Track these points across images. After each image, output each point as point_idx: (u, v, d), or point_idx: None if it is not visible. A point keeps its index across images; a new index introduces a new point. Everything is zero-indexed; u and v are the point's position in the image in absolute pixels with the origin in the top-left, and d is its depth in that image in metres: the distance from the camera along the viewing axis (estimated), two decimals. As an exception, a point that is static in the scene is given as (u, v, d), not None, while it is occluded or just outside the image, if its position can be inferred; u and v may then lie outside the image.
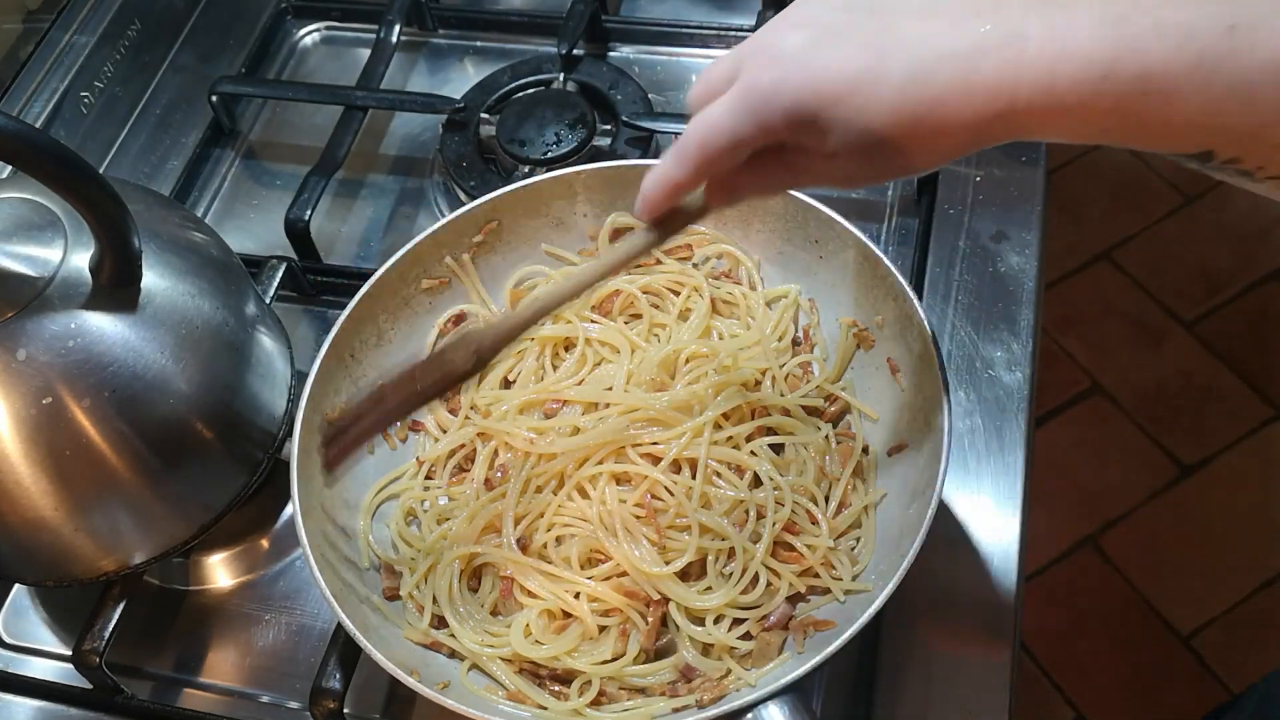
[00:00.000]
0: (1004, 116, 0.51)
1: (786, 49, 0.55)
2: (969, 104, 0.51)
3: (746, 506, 0.76)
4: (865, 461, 0.80)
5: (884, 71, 0.52)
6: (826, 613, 0.75)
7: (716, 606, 0.74)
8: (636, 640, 0.74)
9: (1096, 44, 0.49)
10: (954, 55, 0.51)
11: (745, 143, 0.57)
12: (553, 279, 0.89)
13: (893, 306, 0.81)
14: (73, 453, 0.72)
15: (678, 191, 0.61)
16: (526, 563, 0.76)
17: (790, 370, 0.84)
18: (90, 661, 0.79)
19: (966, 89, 0.51)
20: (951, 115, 0.52)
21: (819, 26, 0.54)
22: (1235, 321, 2.07)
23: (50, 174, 0.66)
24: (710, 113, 0.57)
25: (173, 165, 1.10)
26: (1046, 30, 0.50)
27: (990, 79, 0.51)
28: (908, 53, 0.52)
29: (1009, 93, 0.51)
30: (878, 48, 0.52)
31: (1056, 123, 0.52)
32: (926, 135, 0.53)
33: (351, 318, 0.84)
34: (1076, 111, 0.50)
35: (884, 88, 0.52)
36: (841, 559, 0.76)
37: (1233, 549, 1.85)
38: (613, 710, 0.73)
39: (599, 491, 0.77)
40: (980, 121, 0.52)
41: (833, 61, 0.53)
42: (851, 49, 0.53)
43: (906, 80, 0.52)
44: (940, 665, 0.77)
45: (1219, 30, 0.47)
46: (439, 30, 1.19)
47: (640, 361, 0.84)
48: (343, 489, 0.81)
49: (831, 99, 0.53)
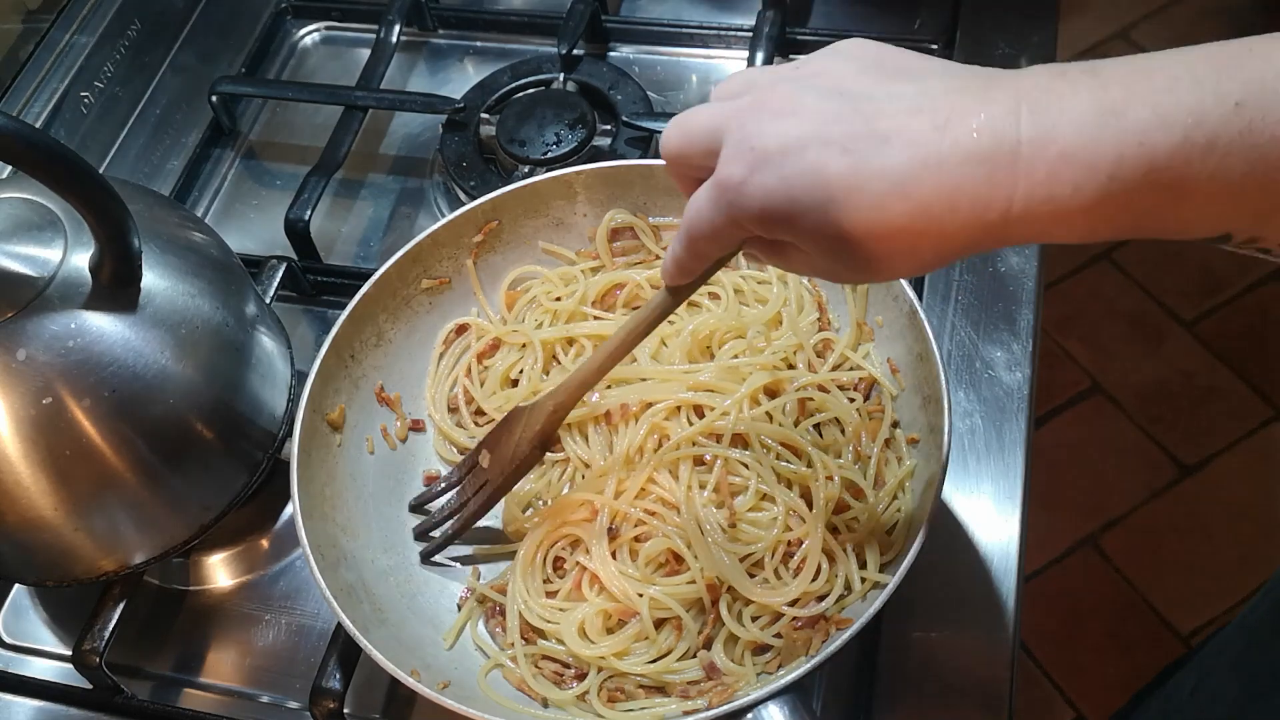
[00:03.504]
0: (997, 226, 0.48)
1: (764, 144, 0.52)
2: (954, 216, 0.48)
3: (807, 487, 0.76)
4: (897, 435, 0.80)
5: (861, 180, 0.49)
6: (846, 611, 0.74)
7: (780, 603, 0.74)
8: (686, 641, 0.74)
9: (1098, 143, 0.46)
10: (939, 164, 0.48)
11: (725, 235, 0.56)
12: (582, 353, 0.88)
13: (893, 306, 0.81)
14: (73, 453, 0.72)
15: (685, 271, 0.62)
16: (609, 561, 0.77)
17: (816, 345, 0.84)
18: (90, 661, 0.79)
19: (951, 202, 0.48)
20: (933, 227, 0.49)
21: (801, 117, 0.51)
22: (1235, 321, 2.07)
23: (50, 174, 0.66)
24: (695, 202, 0.57)
25: (173, 165, 1.10)
26: (1041, 130, 0.47)
27: (980, 190, 0.48)
28: (888, 159, 0.49)
29: (1002, 202, 0.48)
30: (857, 152, 0.49)
31: (1057, 229, 0.48)
32: (906, 246, 0.50)
33: (351, 318, 0.84)
34: (1079, 216, 0.47)
35: (861, 198, 0.49)
36: (874, 545, 0.75)
37: (1233, 549, 1.85)
38: (626, 708, 0.73)
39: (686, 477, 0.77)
40: (968, 232, 0.49)
41: (809, 165, 0.50)
42: (830, 153, 0.50)
43: (885, 191, 0.49)
44: (940, 665, 0.77)
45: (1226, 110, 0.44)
46: (439, 30, 1.19)
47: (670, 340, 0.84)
48: (343, 487, 0.82)
49: (804, 207, 0.51)
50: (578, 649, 0.74)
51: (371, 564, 0.80)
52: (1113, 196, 0.46)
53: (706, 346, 0.85)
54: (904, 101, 0.50)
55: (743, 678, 0.73)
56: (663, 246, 0.90)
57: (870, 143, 0.49)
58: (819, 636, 0.73)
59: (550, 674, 0.76)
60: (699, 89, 1.11)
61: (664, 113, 1.06)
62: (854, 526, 0.75)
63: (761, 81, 0.55)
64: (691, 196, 0.57)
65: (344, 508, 0.81)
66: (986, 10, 1.08)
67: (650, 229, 0.90)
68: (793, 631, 0.73)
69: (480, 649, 0.78)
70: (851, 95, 0.51)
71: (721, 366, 0.81)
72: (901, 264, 0.52)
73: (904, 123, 0.49)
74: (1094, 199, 0.46)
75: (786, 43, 1.09)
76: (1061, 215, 0.47)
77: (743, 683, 0.72)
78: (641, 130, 1.03)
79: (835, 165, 0.50)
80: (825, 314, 0.86)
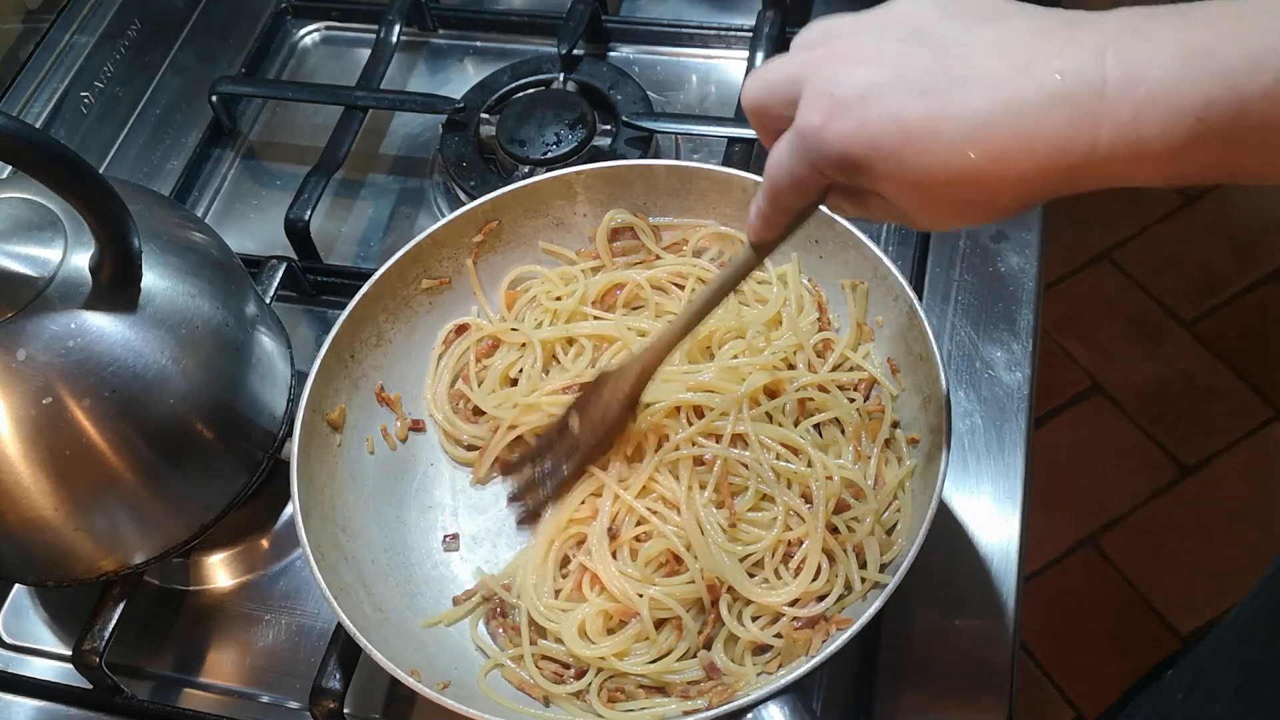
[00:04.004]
0: (1079, 169, 0.48)
1: (843, 91, 0.52)
2: (1031, 159, 0.48)
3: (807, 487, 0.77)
4: (897, 435, 0.80)
5: (939, 125, 0.49)
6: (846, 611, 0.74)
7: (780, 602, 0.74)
8: (686, 642, 0.74)
9: (1186, 85, 0.45)
10: (1018, 108, 0.48)
11: (806, 183, 0.56)
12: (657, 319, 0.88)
13: (893, 306, 0.81)
14: (73, 453, 0.72)
15: (769, 224, 0.62)
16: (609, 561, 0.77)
17: (816, 345, 0.84)
18: (90, 661, 0.79)
19: (1029, 145, 0.48)
20: (1011, 171, 0.49)
21: (879, 64, 0.51)
22: (1235, 321, 2.07)
23: (50, 174, 0.66)
24: (776, 152, 0.57)
25: (173, 165, 1.10)
26: (1126, 71, 0.46)
27: (1062, 132, 0.47)
28: (968, 103, 0.48)
29: (1085, 145, 0.47)
30: (935, 96, 0.49)
31: (1141, 172, 0.48)
32: (985, 190, 0.50)
33: (351, 318, 0.84)
34: (1166, 159, 0.46)
35: (938, 143, 0.49)
36: (873, 545, 0.75)
37: (1233, 549, 1.85)
38: (626, 708, 0.73)
39: (686, 477, 0.77)
40: (1048, 176, 0.48)
41: (888, 111, 0.50)
42: (909, 96, 0.50)
43: (963, 136, 0.48)
44: (940, 665, 0.77)
45: None
46: (439, 30, 1.19)
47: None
48: (343, 487, 0.82)
49: (884, 152, 0.51)
50: (578, 649, 0.74)
51: (371, 564, 0.80)
52: (1200, 139, 0.45)
53: (706, 347, 0.85)
54: (984, 43, 0.49)
55: (743, 678, 0.73)
56: (663, 246, 0.90)
57: (949, 85, 0.49)
58: (819, 636, 0.73)
59: (550, 674, 0.76)
60: (699, 89, 1.11)
61: (664, 113, 1.06)
62: (854, 527, 0.75)
63: (840, 29, 0.55)
64: (772, 148, 0.57)
65: (344, 508, 0.81)
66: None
67: (650, 229, 0.90)
68: (793, 631, 0.73)
69: (480, 649, 0.78)
70: (930, 39, 0.51)
71: (721, 367, 0.81)
72: (980, 209, 0.52)
73: (984, 64, 0.49)
74: (1181, 142, 0.45)
75: (786, 43, 1.09)
76: (1147, 158, 0.47)
77: (743, 683, 0.72)
78: (642, 130, 1.03)
79: (913, 109, 0.50)
80: (825, 314, 0.86)
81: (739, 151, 0.98)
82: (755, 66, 1.06)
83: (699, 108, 1.10)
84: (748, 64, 1.06)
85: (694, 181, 0.88)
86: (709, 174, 0.87)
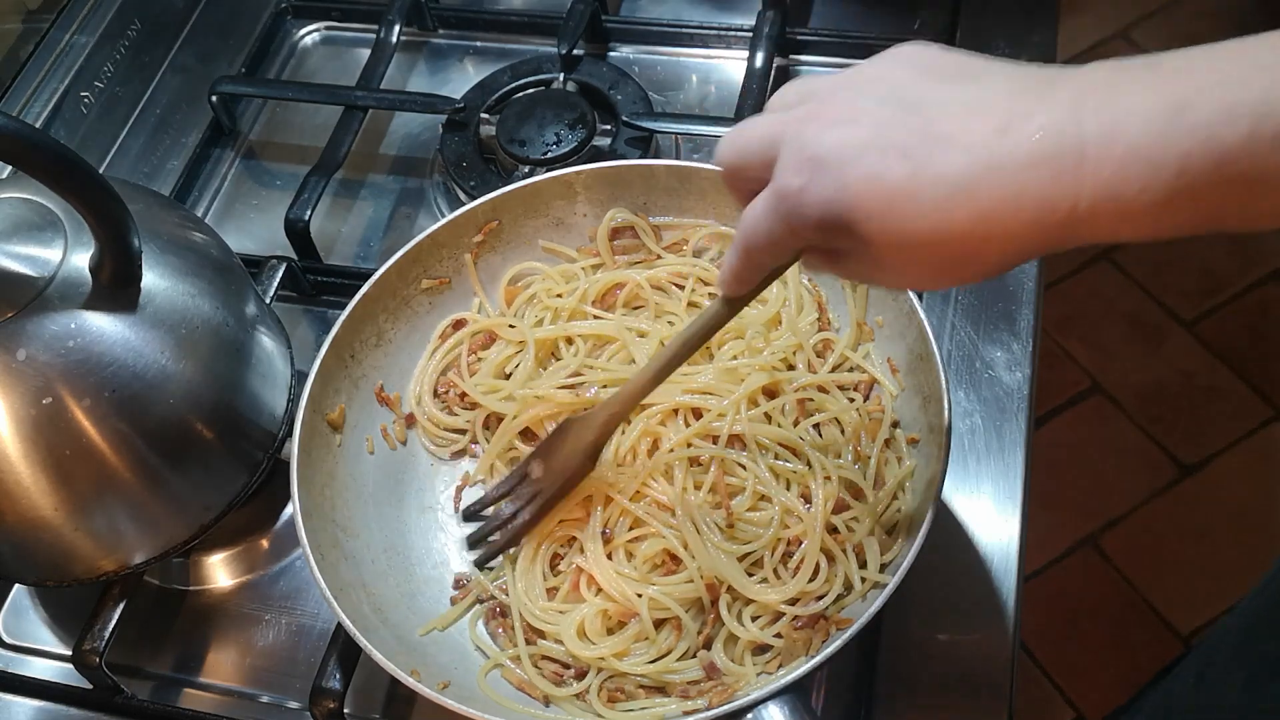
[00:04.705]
0: (1063, 227, 0.48)
1: (822, 152, 0.51)
2: (1018, 219, 0.48)
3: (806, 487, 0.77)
4: (897, 435, 0.80)
5: (922, 185, 0.49)
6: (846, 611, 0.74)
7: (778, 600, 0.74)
8: (685, 641, 0.74)
9: (1164, 142, 0.45)
10: (1001, 167, 0.47)
11: (783, 244, 0.56)
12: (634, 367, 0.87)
13: (892, 306, 0.81)
14: (73, 453, 0.72)
15: (741, 282, 0.62)
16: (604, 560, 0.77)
17: (816, 345, 0.84)
18: (90, 661, 0.79)
19: (1016, 205, 0.47)
20: (997, 231, 0.48)
21: (859, 124, 0.51)
22: (1235, 321, 2.07)
23: (50, 174, 0.66)
24: (753, 212, 0.56)
25: (173, 165, 1.10)
26: (1105, 129, 0.46)
27: (1046, 191, 0.47)
28: (949, 163, 0.48)
29: (1068, 203, 0.47)
30: (917, 157, 0.49)
31: (1124, 228, 0.48)
32: (970, 250, 0.50)
33: (351, 318, 0.84)
34: (1148, 215, 0.46)
35: (921, 203, 0.49)
36: (873, 545, 0.75)
37: (1233, 549, 1.85)
38: (626, 708, 0.73)
39: (681, 479, 0.77)
40: (1033, 235, 0.48)
41: (869, 171, 0.50)
42: (890, 158, 0.49)
43: (946, 196, 0.48)
44: (940, 665, 0.77)
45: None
46: (439, 30, 1.19)
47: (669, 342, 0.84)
48: (343, 487, 0.82)
49: (865, 214, 0.50)
50: (578, 650, 0.74)
51: (371, 564, 0.80)
52: (1181, 193, 0.45)
53: (706, 347, 0.85)
54: (963, 104, 0.50)
55: (743, 678, 0.73)
56: (664, 246, 0.90)
57: (930, 147, 0.49)
58: (819, 636, 0.73)
59: (550, 674, 0.76)
60: (699, 89, 1.11)
61: (664, 113, 1.06)
62: (853, 526, 0.75)
63: (817, 90, 0.55)
64: (747, 207, 0.57)
65: (344, 508, 0.81)
66: (986, 10, 1.08)
67: (650, 228, 0.90)
68: (793, 631, 0.73)
69: (480, 649, 0.78)
70: (910, 100, 0.51)
71: (720, 368, 0.81)
72: (966, 269, 0.52)
73: (964, 125, 0.49)
74: (1162, 197, 0.46)
75: (786, 43, 1.09)
76: (1129, 214, 0.47)
77: (743, 683, 0.72)
78: (642, 130, 1.03)
79: (895, 171, 0.49)
80: (825, 314, 0.86)
81: (739, 151, 0.98)
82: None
83: (699, 108, 1.10)
84: (747, 64, 1.06)
85: (694, 181, 0.88)
86: (709, 174, 0.87)
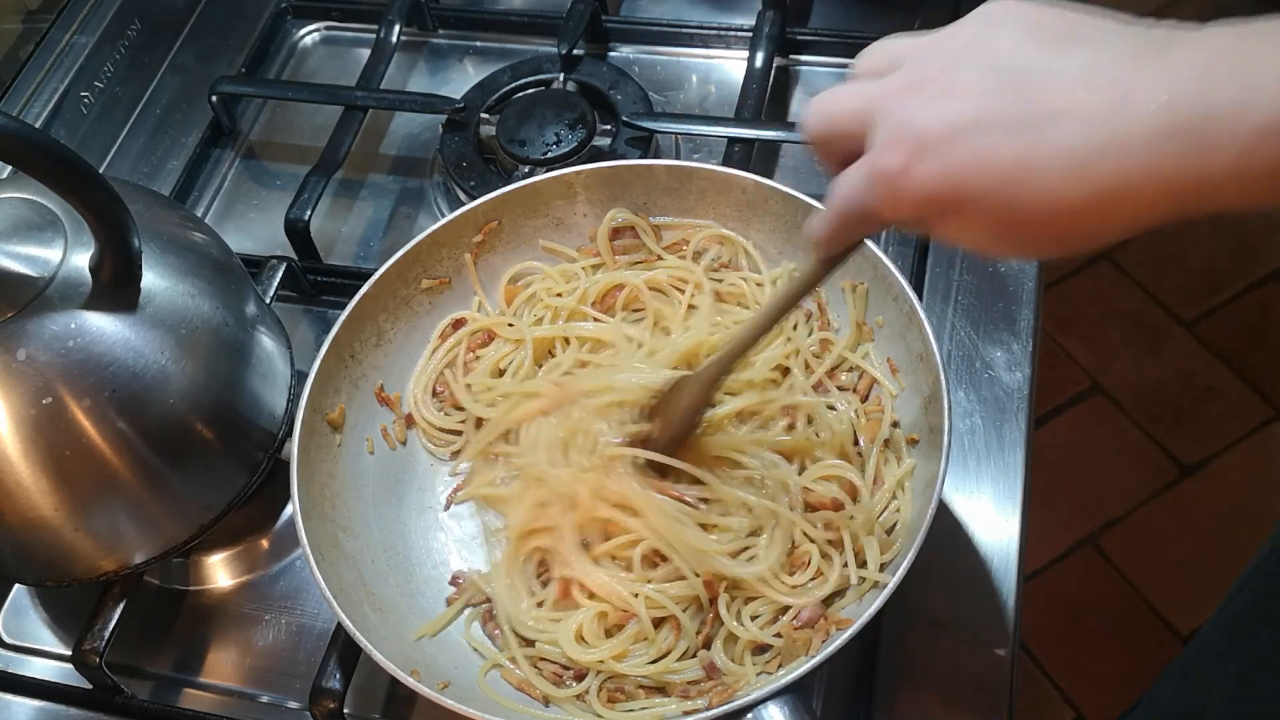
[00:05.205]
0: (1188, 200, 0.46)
1: (923, 130, 0.49)
2: (1141, 194, 0.46)
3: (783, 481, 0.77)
4: (897, 435, 0.80)
5: (1037, 164, 0.47)
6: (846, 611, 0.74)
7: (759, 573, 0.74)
8: (685, 641, 0.74)
9: None
10: (1120, 146, 0.45)
11: (881, 219, 0.55)
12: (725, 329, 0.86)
13: (893, 306, 0.81)
14: (73, 453, 0.72)
15: (829, 246, 0.61)
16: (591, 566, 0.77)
17: (812, 347, 0.84)
18: (90, 661, 0.79)
19: (1139, 181, 0.45)
20: (1118, 207, 0.46)
21: (960, 98, 0.49)
22: (1235, 321, 2.07)
23: (50, 174, 0.66)
24: (848, 183, 0.54)
25: (173, 165, 1.10)
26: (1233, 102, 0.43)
27: (1171, 167, 0.45)
28: (1065, 141, 0.46)
29: (1194, 179, 0.45)
30: (1029, 134, 0.47)
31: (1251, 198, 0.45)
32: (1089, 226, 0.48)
33: (351, 318, 0.84)
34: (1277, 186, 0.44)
35: (1039, 182, 0.47)
36: (873, 545, 0.75)
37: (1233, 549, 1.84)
38: (626, 708, 0.73)
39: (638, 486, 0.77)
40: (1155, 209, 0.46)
41: (976, 152, 0.48)
42: (999, 136, 0.47)
43: (1062, 174, 0.46)
44: (940, 665, 0.77)
45: None
46: (439, 30, 1.19)
47: (651, 354, 0.84)
48: (343, 487, 0.82)
49: (971, 195, 0.48)
50: (576, 655, 0.74)
51: (371, 564, 0.80)
52: None
53: (692, 357, 0.84)
54: (1074, 72, 0.47)
55: (743, 678, 0.73)
56: (664, 246, 0.90)
57: (1043, 123, 0.47)
58: (819, 636, 0.73)
59: (549, 674, 0.76)
60: (699, 89, 1.11)
61: (664, 113, 1.06)
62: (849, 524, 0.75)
63: (909, 56, 0.52)
64: (841, 175, 0.55)
65: (344, 508, 0.81)
66: (986, 10, 1.08)
67: (651, 228, 0.90)
68: (793, 631, 0.73)
69: (477, 650, 0.78)
70: (1014, 68, 0.48)
71: None
72: (1082, 241, 0.50)
73: (1078, 98, 0.46)
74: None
75: (786, 43, 1.09)
76: (1258, 187, 0.45)
77: (742, 682, 0.72)
78: (642, 130, 1.03)
79: (1006, 150, 0.47)
80: (825, 314, 0.86)
81: (739, 151, 0.98)
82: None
83: (699, 108, 1.10)
84: (747, 64, 1.06)
85: (694, 181, 0.88)
86: (709, 174, 0.87)
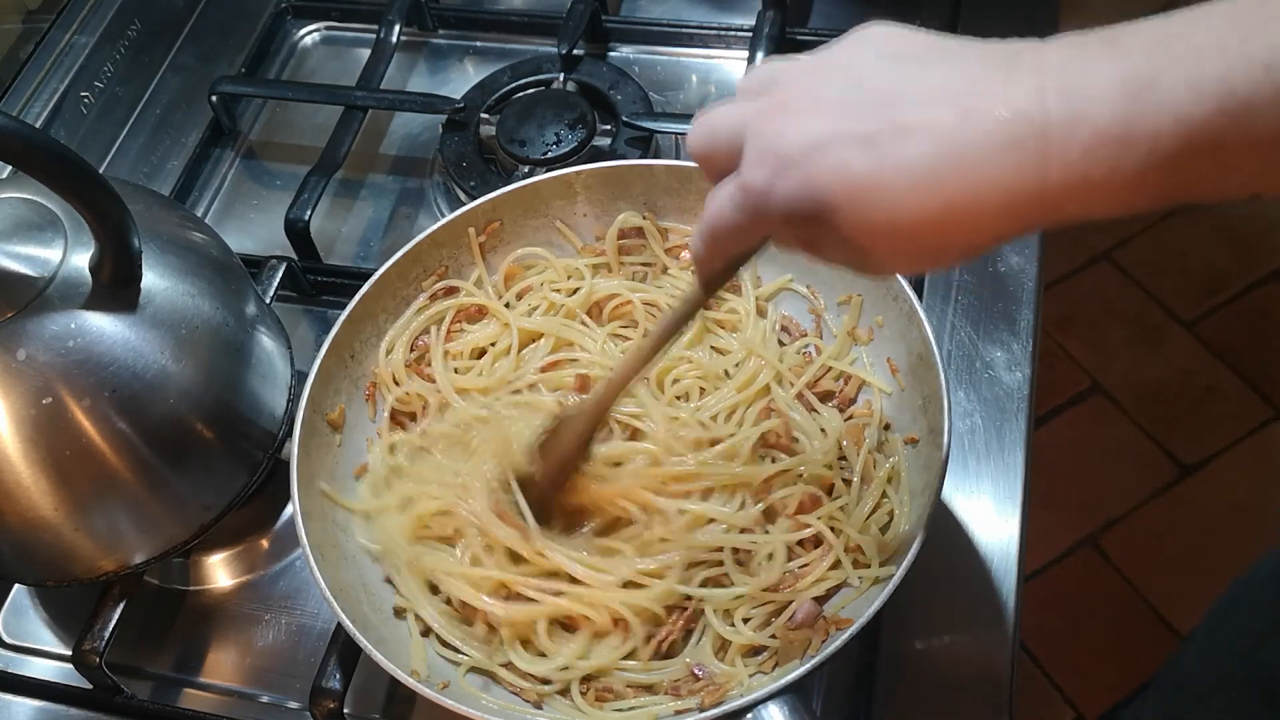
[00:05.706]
0: (1032, 210, 0.47)
1: (785, 146, 0.51)
2: (986, 205, 0.48)
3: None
4: (890, 437, 0.80)
5: (886, 177, 0.49)
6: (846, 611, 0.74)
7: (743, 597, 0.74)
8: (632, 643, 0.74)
9: (1131, 123, 0.44)
10: (963, 155, 0.47)
11: (749, 235, 0.56)
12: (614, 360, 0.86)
13: (893, 306, 0.81)
14: (73, 453, 0.72)
15: (705, 267, 0.63)
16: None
17: (793, 361, 0.84)
18: (90, 661, 0.79)
19: (982, 192, 0.47)
20: (962, 220, 0.48)
21: (821, 115, 0.51)
22: (1235, 321, 2.07)
23: (50, 174, 0.66)
24: (718, 199, 0.56)
25: (173, 165, 1.10)
26: (1070, 111, 0.45)
27: (1011, 178, 0.47)
28: (912, 153, 0.48)
29: (1036, 188, 0.47)
30: (880, 147, 0.49)
31: (1096, 206, 0.47)
32: (937, 240, 0.50)
33: (351, 318, 0.84)
34: (1118, 193, 0.46)
35: (886, 195, 0.49)
36: (872, 545, 0.75)
37: (1233, 549, 1.85)
38: (616, 707, 0.73)
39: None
40: (1000, 221, 0.48)
41: (832, 165, 0.50)
42: (852, 150, 0.49)
43: (910, 186, 0.48)
44: (940, 665, 0.77)
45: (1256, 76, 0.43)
46: (439, 30, 1.19)
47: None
48: (343, 487, 0.81)
49: (831, 207, 0.50)
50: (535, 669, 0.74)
51: (371, 564, 0.80)
52: (1151, 170, 0.45)
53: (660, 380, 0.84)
54: (925, 89, 0.49)
55: (734, 677, 0.72)
56: (667, 248, 0.90)
57: (892, 137, 0.48)
58: (819, 636, 0.73)
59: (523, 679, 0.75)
60: (699, 89, 1.11)
61: (664, 113, 1.06)
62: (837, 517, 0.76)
63: (782, 77, 0.54)
64: (711, 193, 0.57)
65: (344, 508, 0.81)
66: (987, 10, 1.08)
67: (658, 231, 0.90)
68: (788, 632, 0.73)
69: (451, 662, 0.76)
70: (874, 87, 0.50)
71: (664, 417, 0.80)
72: (941, 255, 0.52)
73: (926, 113, 0.48)
74: (1133, 175, 0.45)
75: (786, 43, 1.09)
76: (1100, 194, 0.46)
77: (734, 682, 0.72)
78: (642, 130, 1.03)
79: (858, 163, 0.49)
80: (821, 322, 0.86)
81: (739, 151, 0.98)
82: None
83: (699, 108, 1.09)
84: (748, 64, 1.06)
85: (694, 181, 0.88)
86: (709, 174, 0.87)
